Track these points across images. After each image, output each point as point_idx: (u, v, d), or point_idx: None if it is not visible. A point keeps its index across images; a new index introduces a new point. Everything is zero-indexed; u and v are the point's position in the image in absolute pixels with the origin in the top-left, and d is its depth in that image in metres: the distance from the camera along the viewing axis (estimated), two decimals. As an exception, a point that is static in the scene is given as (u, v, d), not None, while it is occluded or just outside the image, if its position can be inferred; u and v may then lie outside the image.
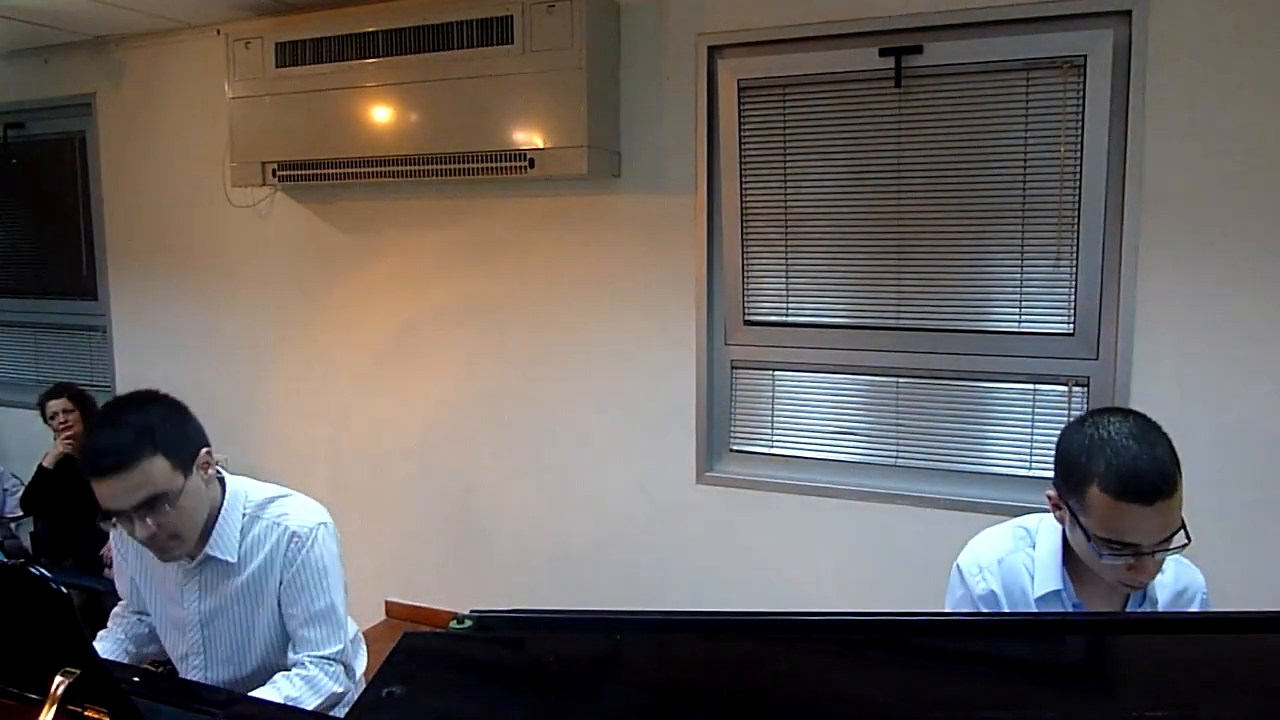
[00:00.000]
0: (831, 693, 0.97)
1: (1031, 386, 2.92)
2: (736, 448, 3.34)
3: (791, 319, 3.20)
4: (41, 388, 4.00)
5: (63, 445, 3.80)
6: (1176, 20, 2.62)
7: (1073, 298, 2.84)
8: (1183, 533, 1.41)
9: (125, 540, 1.89)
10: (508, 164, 3.20)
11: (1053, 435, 1.60)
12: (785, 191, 3.14)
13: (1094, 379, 2.83)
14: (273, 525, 1.83)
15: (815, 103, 3.07)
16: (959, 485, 3.01)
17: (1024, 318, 2.90)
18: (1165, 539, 1.41)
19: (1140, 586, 1.50)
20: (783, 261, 3.18)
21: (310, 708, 1.70)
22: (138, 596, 1.96)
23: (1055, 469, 1.53)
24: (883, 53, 2.93)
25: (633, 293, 3.38)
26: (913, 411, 3.08)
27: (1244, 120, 2.59)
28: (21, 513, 3.99)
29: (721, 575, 3.33)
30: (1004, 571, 1.61)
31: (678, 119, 3.23)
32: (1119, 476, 1.39)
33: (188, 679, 1.88)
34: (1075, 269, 2.82)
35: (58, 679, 1.16)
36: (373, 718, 0.94)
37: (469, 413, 3.71)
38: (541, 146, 3.15)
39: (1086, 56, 2.72)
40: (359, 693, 1.87)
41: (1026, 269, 2.88)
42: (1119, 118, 2.70)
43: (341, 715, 1.80)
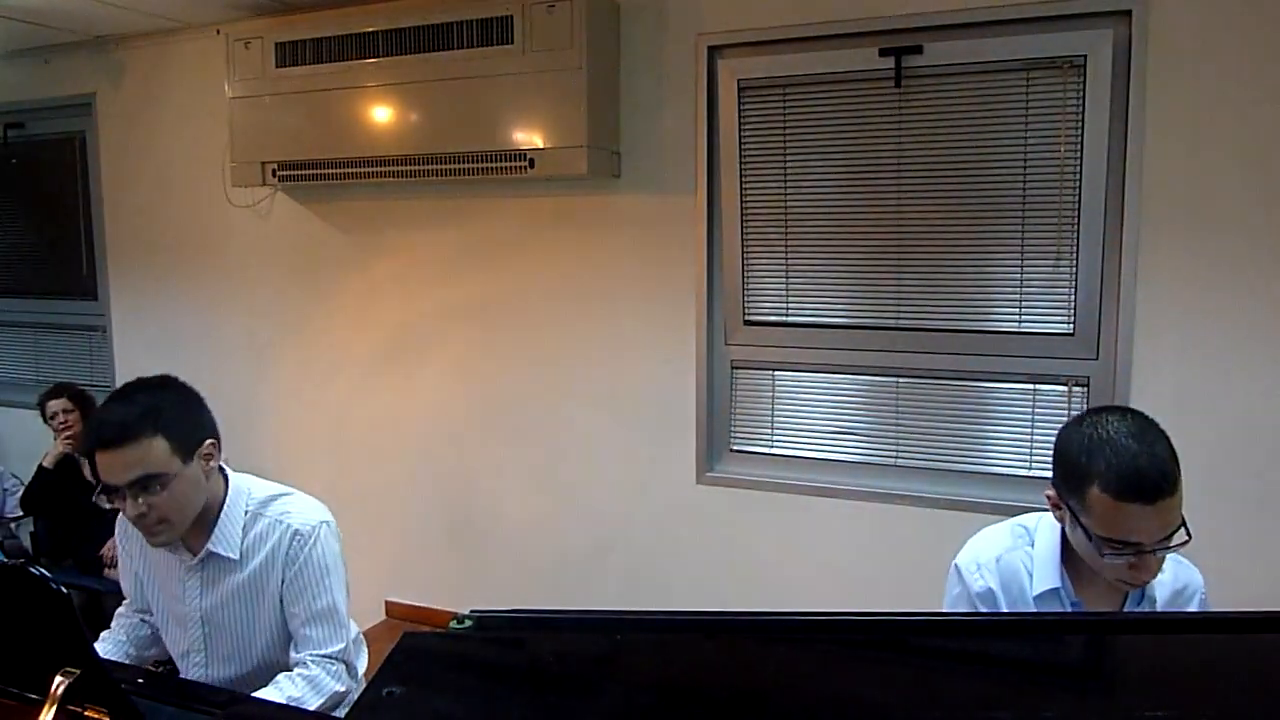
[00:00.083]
0: (831, 693, 0.97)
1: (1031, 386, 2.92)
2: (736, 448, 3.34)
3: (791, 319, 3.20)
4: (41, 388, 4.00)
5: (63, 445, 3.80)
6: (1176, 20, 2.62)
7: (1073, 298, 2.84)
8: (1183, 530, 1.42)
9: (129, 536, 1.90)
10: (508, 164, 3.20)
11: (1053, 435, 1.60)
12: (785, 191, 3.14)
13: (1094, 379, 2.83)
14: (275, 523, 1.83)
15: (815, 103, 3.07)
16: (959, 485, 3.01)
17: (1024, 318, 2.90)
18: (1166, 537, 1.41)
19: (1141, 585, 1.50)
20: (783, 261, 3.18)
21: (313, 707, 1.70)
22: (140, 592, 1.95)
23: (1054, 469, 1.53)
24: (883, 53, 2.93)
25: (633, 292, 3.38)
26: (913, 411, 3.08)
27: (1244, 120, 2.59)
28: (21, 513, 3.99)
29: (721, 575, 3.33)
30: (1002, 569, 1.61)
31: (678, 119, 3.23)
32: (1120, 476, 1.39)
33: (189, 679, 1.88)
34: (1075, 269, 2.82)
35: (58, 679, 1.16)
36: (373, 718, 0.94)
37: (469, 413, 3.71)
38: (541, 146, 3.15)
39: (1086, 56, 2.73)
40: (359, 693, 1.87)
41: (1026, 269, 2.88)
42: (1119, 118, 2.70)
43: (340, 711, 1.81)
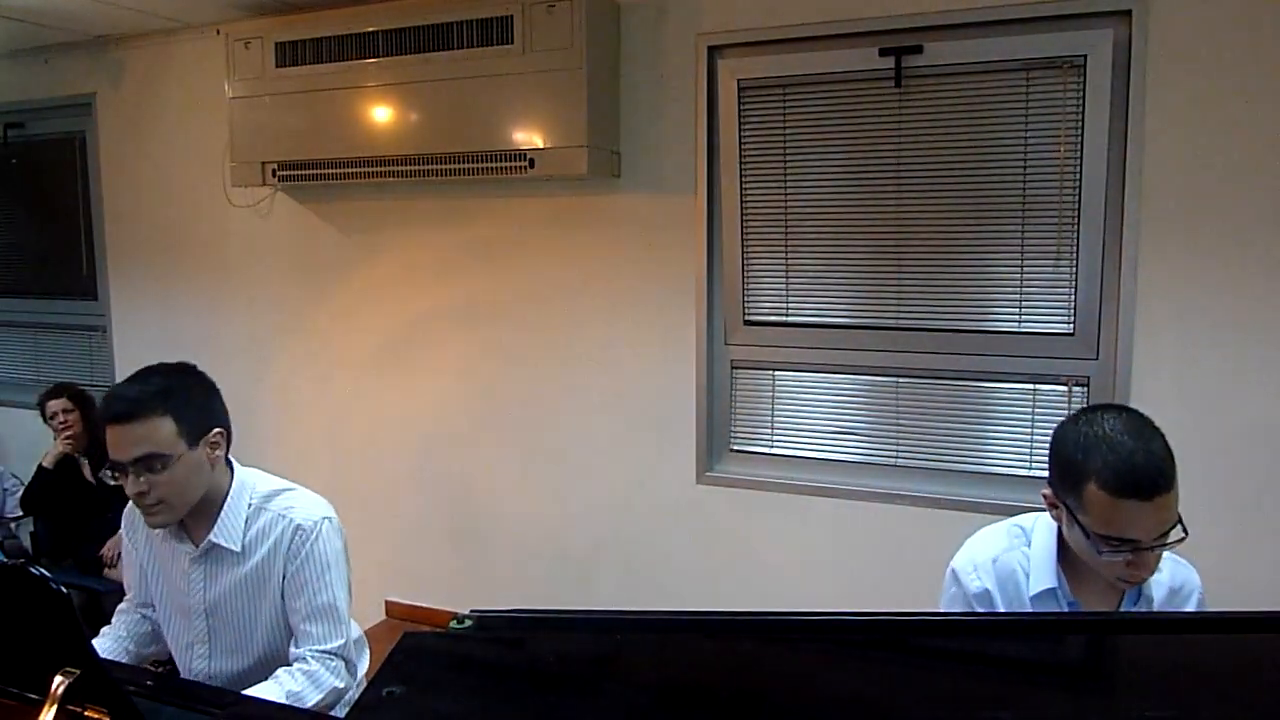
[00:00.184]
0: (831, 693, 0.97)
1: (1031, 386, 2.92)
2: (736, 448, 3.34)
3: (791, 319, 3.20)
4: (41, 388, 4.00)
5: (63, 445, 3.81)
6: (1176, 20, 2.62)
7: (1073, 298, 2.84)
8: (1180, 526, 1.42)
9: (135, 527, 1.93)
10: (508, 164, 3.20)
11: (1052, 435, 1.60)
12: (785, 191, 3.14)
13: (1094, 379, 2.83)
14: (278, 517, 1.84)
15: (815, 103, 3.07)
16: (959, 485, 3.01)
17: (1024, 318, 2.90)
18: (1163, 534, 1.41)
19: (1139, 582, 1.50)
20: (783, 261, 3.18)
21: (312, 703, 1.71)
22: (144, 586, 1.97)
23: (1050, 468, 1.53)
24: (883, 53, 2.93)
25: (633, 293, 3.38)
26: (913, 411, 3.08)
27: (1244, 120, 2.59)
28: (21, 513, 4.00)
29: (721, 575, 3.33)
30: (998, 570, 1.61)
31: (678, 119, 3.23)
32: (1116, 473, 1.39)
33: (189, 678, 1.89)
34: (1075, 269, 2.82)
35: (58, 679, 1.16)
36: (373, 718, 0.94)
37: (469, 412, 3.71)
38: (541, 146, 3.15)
39: (1086, 56, 2.73)
40: (359, 693, 1.88)
41: (1026, 269, 2.88)
42: (1119, 118, 2.70)
43: (340, 711, 1.81)
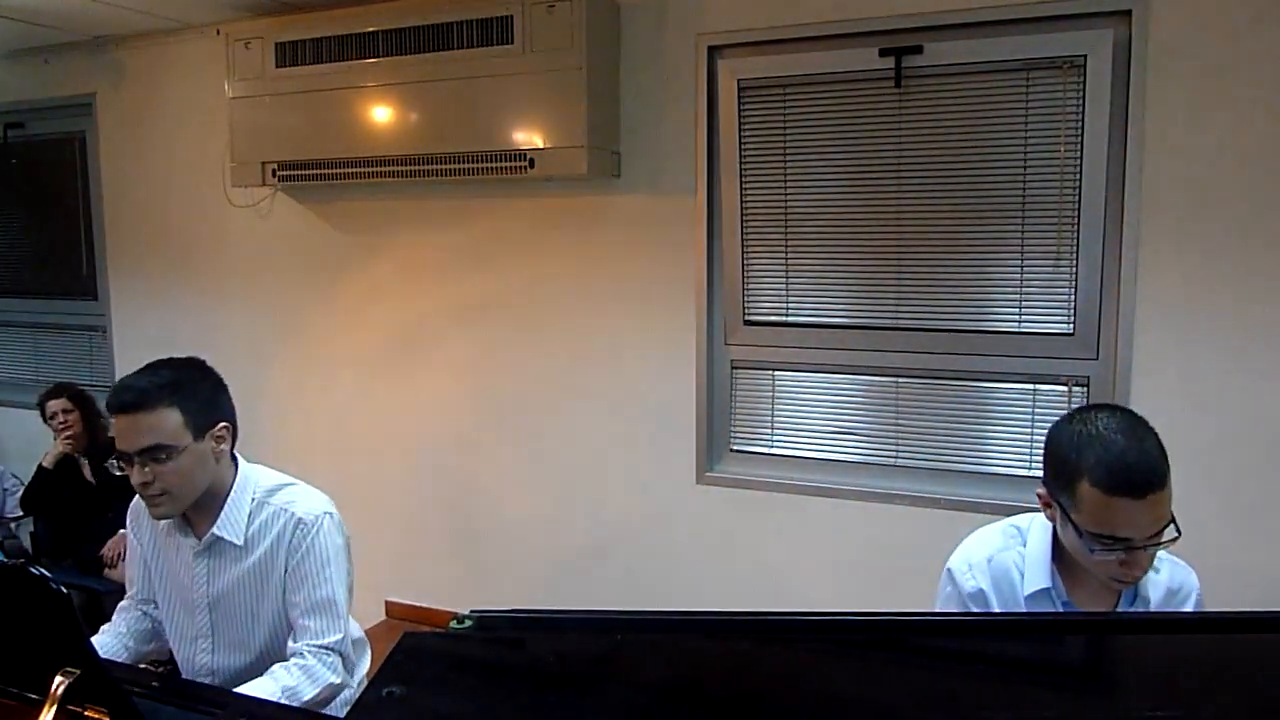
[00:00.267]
0: (831, 693, 0.97)
1: (1031, 386, 2.92)
2: (736, 448, 3.34)
3: (791, 319, 3.20)
4: (41, 388, 4.00)
5: (63, 445, 3.80)
6: (1176, 20, 2.62)
7: (1073, 298, 2.83)
8: (1173, 526, 1.41)
9: (140, 522, 1.94)
10: (508, 164, 3.20)
11: (1052, 435, 1.59)
12: (785, 191, 3.14)
13: (1094, 379, 2.83)
14: (280, 511, 1.86)
15: (815, 103, 3.07)
16: (959, 485, 3.01)
17: (1024, 318, 2.90)
18: (1156, 532, 1.41)
19: (1133, 582, 1.49)
20: (783, 261, 3.18)
21: (307, 698, 1.72)
22: (148, 580, 1.98)
23: (1045, 467, 1.53)
24: (883, 53, 2.93)
25: (633, 293, 3.38)
26: (913, 411, 3.08)
27: (1243, 120, 2.59)
28: (21, 513, 4.00)
29: (721, 575, 3.32)
30: (993, 569, 1.61)
31: (678, 119, 3.23)
32: (1109, 471, 1.39)
33: (188, 679, 1.89)
34: (1075, 269, 2.82)
35: (58, 679, 1.17)
36: (373, 718, 0.94)
37: (469, 412, 3.71)
38: (541, 146, 3.15)
39: (1086, 56, 2.72)
40: (359, 693, 1.88)
41: (1026, 269, 2.88)
42: (1119, 118, 2.70)
43: (340, 712, 1.81)
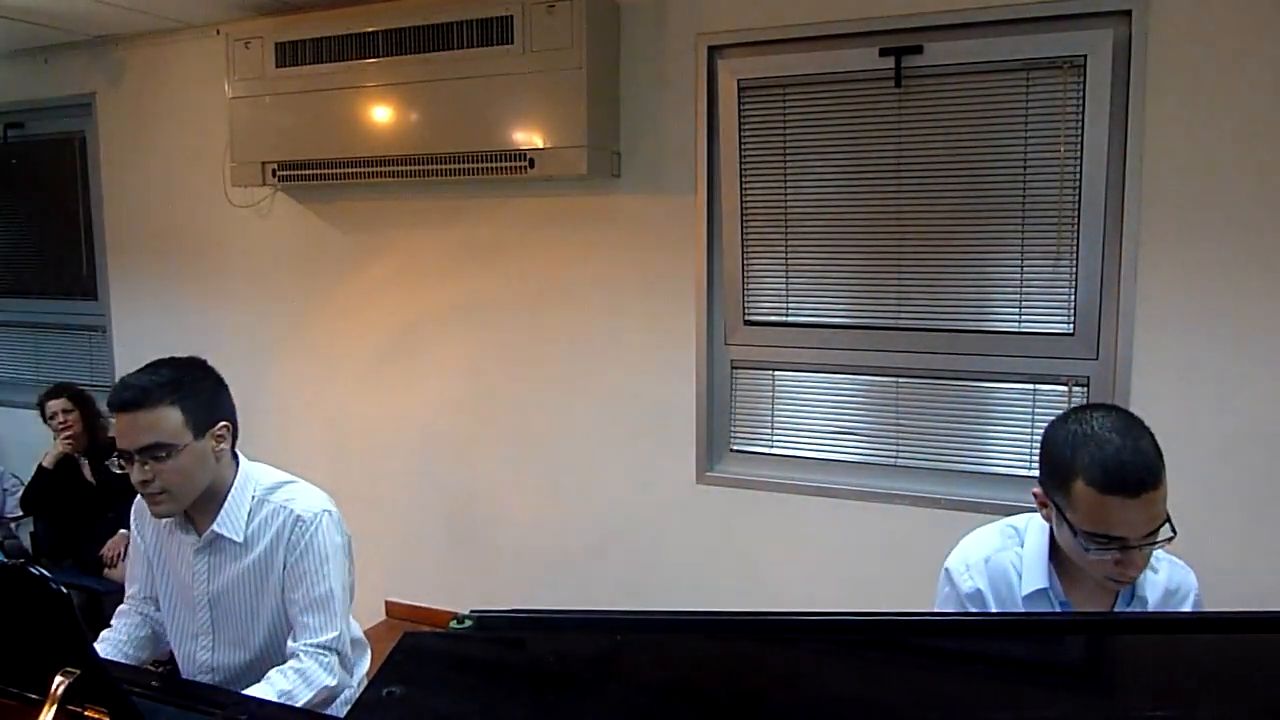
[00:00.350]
0: (831, 693, 0.97)
1: (1031, 386, 2.92)
2: (736, 448, 3.34)
3: (791, 319, 3.20)
4: (41, 388, 4.00)
5: (62, 445, 3.81)
6: (1176, 20, 2.62)
7: (1073, 298, 2.84)
8: (1168, 525, 1.41)
9: (143, 520, 1.95)
10: (508, 164, 3.20)
11: (1052, 435, 1.59)
12: (785, 191, 3.14)
13: (1094, 379, 2.83)
14: (279, 509, 1.87)
15: (815, 103, 3.07)
16: (959, 485, 3.01)
17: (1024, 318, 2.90)
18: (1151, 532, 1.41)
19: (1128, 581, 1.49)
20: (783, 261, 3.18)
21: (303, 701, 1.72)
22: (150, 578, 1.99)
23: (1040, 466, 1.53)
24: (883, 53, 2.93)
25: (633, 293, 3.38)
26: (913, 411, 3.08)
27: (1244, 120, 2.59)
28: (21, 513, 4.00)
29: (721, 575, 3.32)
30: (991, 570, 1.61)
31: (678, 119, 3.23)
32: (1104, 470, 1.39)
33: (188, 679, 1.89)
34: (1075, 269, 2.82)
35: (58, 679, 1.16)
36: (372, 717, 0.94)
37: (469, 413, 3.71)
38: (541, 146, 3.15)
39: (1086, 56, 2.72)
40: (359, 693, 1.88)
41: (1026, 269, 2.88)
42: (1119, 118, 2.70)
43: (340, 713, 1.81)
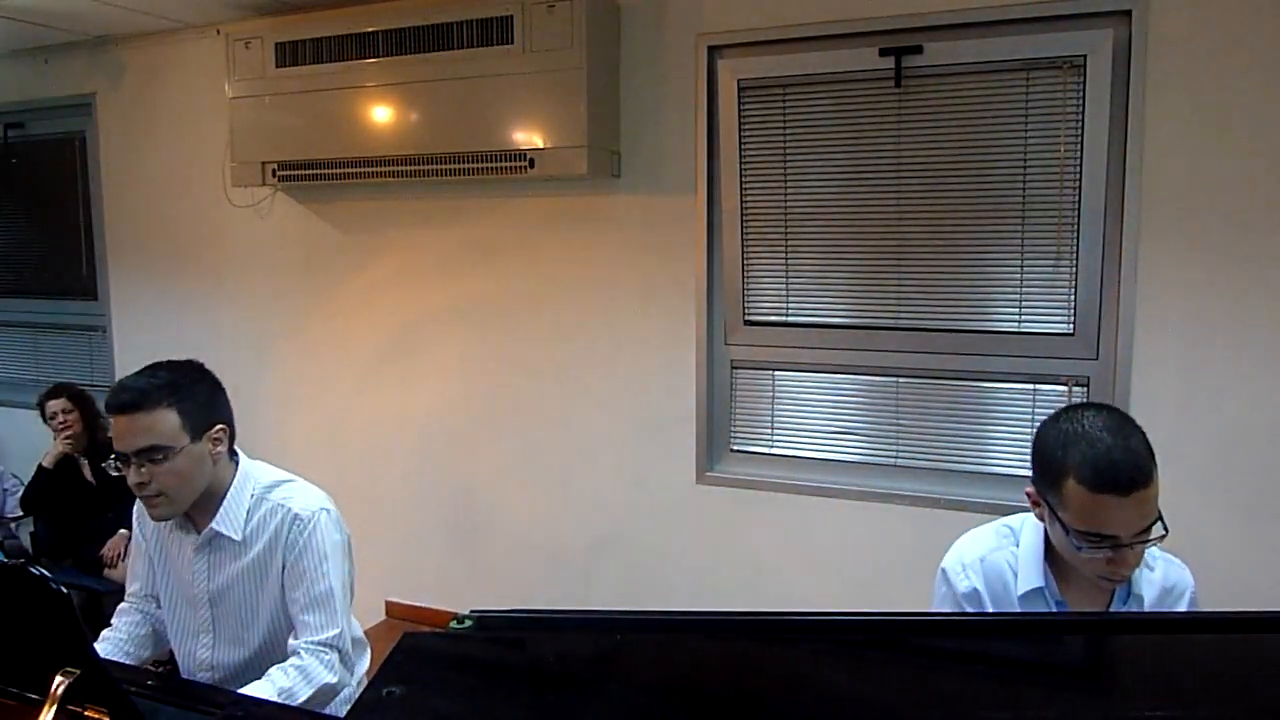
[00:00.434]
0: (831, 693, 0.97)
1: (1031, 386, 2.92)
2: (736, 448, 3.34)
3: (791, 319, 3.20)
4: (41, 388, 4.00)
5: (62, 445, 3.81)
6: (1176, 20, 2.62)
7: (1073, 298, 2.84)
8: (1160, 523, 1.41)
9: (145, 518, 1.95)
10: (508, 164, 3.20)
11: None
12: (785, 191, 3.14)
13: (1094, 379, 2.83)
14: (277, 507, 1.87)
15: (815, 103, 3.07)
16: (959, 485, 3.01)
17: (1024, 318, 2.90)
18: (1143, 530, 1.41)
19: (1121, 580, 1.49)
20: (783, 261, 3.18)
21: (303, 698, 1.73)
22: (151, 576, 2.00)
23: (1033, 465, 1.53)
24: (883, 53, 2.93)
25: (633, 293, 3.38)
26: (913, 411, 3.08)
27: (1244, 119, 2.59)
28: (21, 513, 4.00)
29: (721, 575, 3.32)
30: (986, 569, 1.61)
31: (678, 119, 3.23)
32: (1094, 468, 1.40)
33: (188, 679, 1.89)
34: (1075, 269, 2.82)
35: (58, 679, 1.17)
36: (373, 717, 0.94)
37: (469, 413, 3.71)
38: (541, 146, 3.15)
39: (1086, 56, 2.72)
40: (359, 692, 1.88)
41: (1026, 269, 2.88)
42: (1119, 118, 2.70)
43: (340, 711, 1.82)
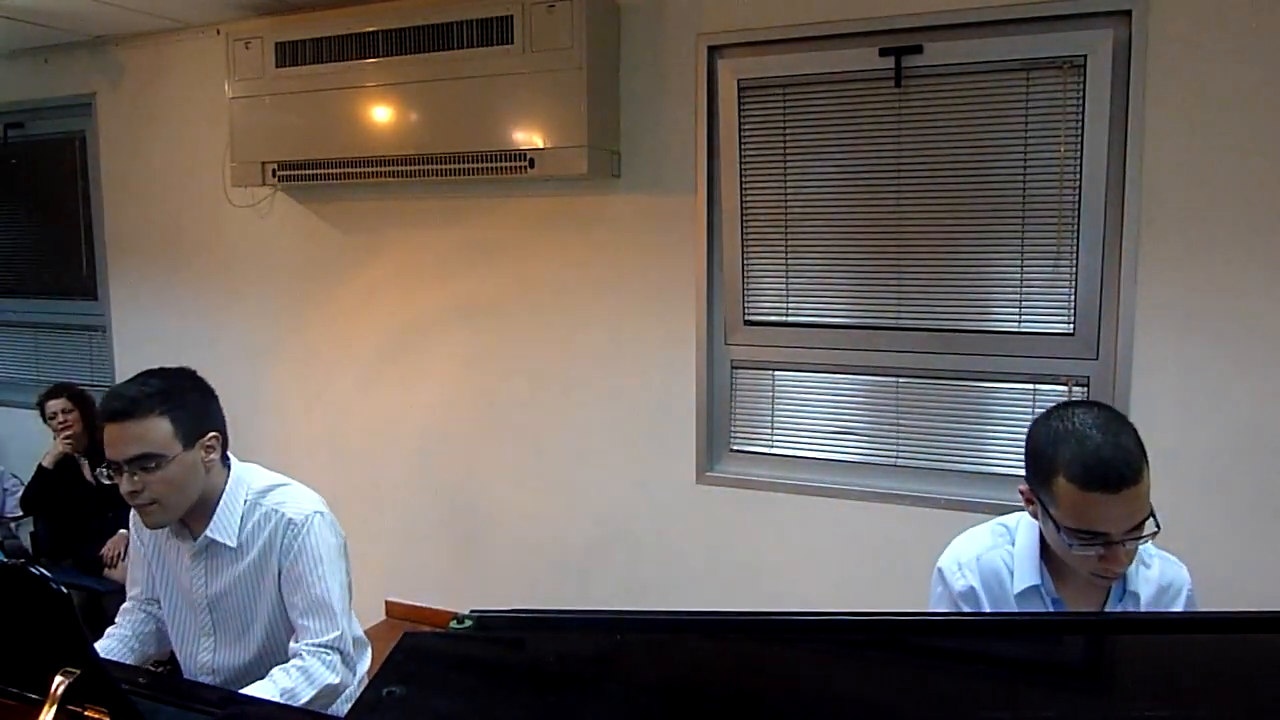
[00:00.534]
0: (831, 693, 0.97)
1: (1031, 386, 2.92)
2: (736, 448, 3.34)
3: (791, 319, 3.20)
4: (41, 388, 4.00)
5: (62, 445, 3.81)
6: (1176, 20, 2.62)
7: (1073, 298, 2.84)
8: (1152, 521, 1.42)
9: (142, 524, 1.93)
10: (508, 164, 3.20)
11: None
12: (785, 191, 3.14)
13: (1094, 379, 2.83)
14: (271, 512, 1.87)
15: (815, 103, 3.07)
16: (959, 485, 3.01)
17: (1024, 318, 2.90)
18: (1134, 527, 1.41)
19: (1114, 577, 1.49)
20: (783, 261, 3.18)
21: (305, 699, 1.73)
22: (151, 581, 2.00)
23: (1025, 463, 1.54)
24: (883, 53, 2.93)
25: (633, 293, 3.37)
26: (913, 411, 3.08)
27: (1244, 120, 2.59)
28: (21, 513, 4.00)
29: (721, 575, 3.32)
30: (982, 568, 1.62)
31: (678, 119, 3.23)
32: (1084, 466, 1.40)
33: (188, 679, 1.90)
34: (1075, 269, 2.82)
35: (58, 679, 1.17)
36: (373, 717, 0.94)
37: (469, 413, 3.71)
38: (541, 146, 3.15)
39: (1086, 56, 2.72)
40: (360, 692, 1.88)
41: (1026, 269, 2.88)
42: (1119, 118, 2.70)
43: (341, 711, 1.82)
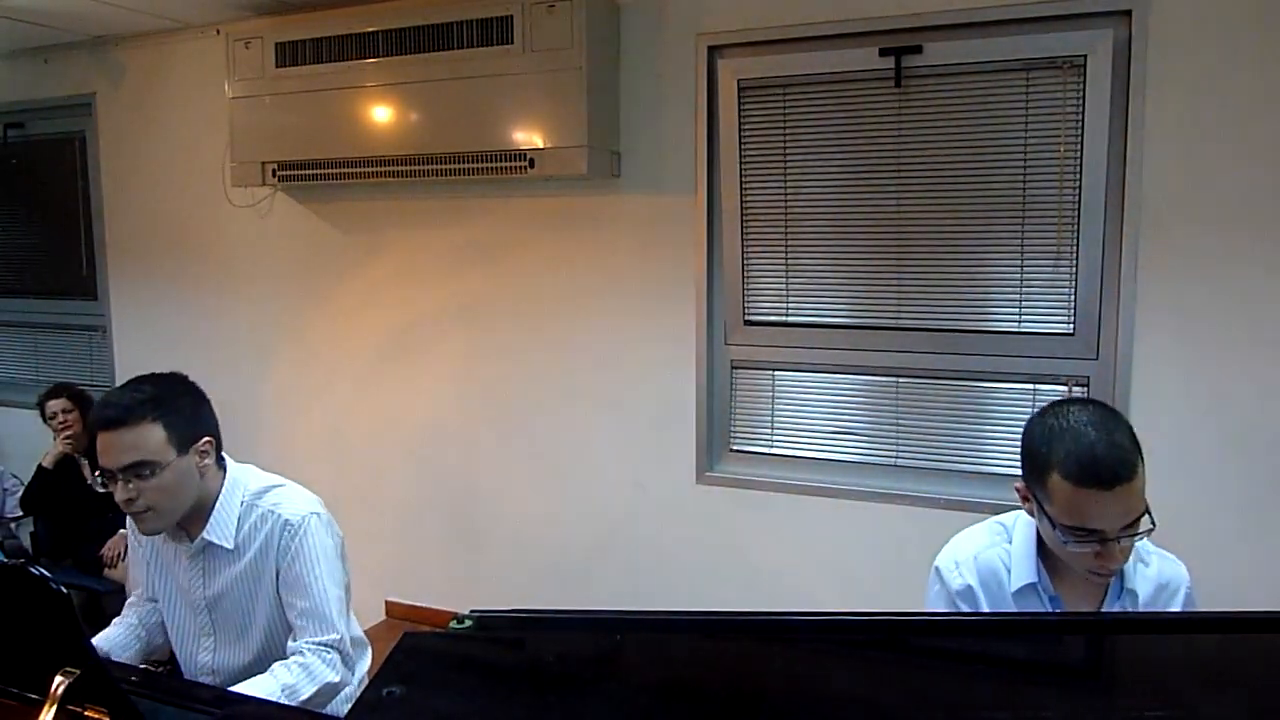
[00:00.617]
0: (831, 693, 0.97)
1: (1031, 386, 2.92)
2: (736, 448, 3.34)
3: (791, 319, 3.20)
4: (41, 388, 4.01)
5: (62, 445, 3.81)
6: (1176, 20, 2.62)
7: (1073, 298, 2.83)
8: (1147, 517, 1.42)
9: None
10: (508, 164, 3.20)
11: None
12: (785, 191, 3.14)
13: (1094, 379, 2.83)
14: (267, 514, 1.87)
15: (815, 103, 3.07)
16: (959, 485, 3.01)
17: (1024, 318, 2.90)
18: (1129, 524, 1.41)
19: (1110, 574, 1.49)
20: (783, 261, 3.18)
21: (306, 695, 1.73)
22: (150, 583, 2.00)
23: (1021, 460, 1.54)
24: (883, 53, 2.93)
25: (633, 293, 3.37)
26: (913, 411, 3.08)
27: (1244, 120, 2.59)
28: (21, 513, 4.00)
29: (721, 575, 3.32)
30: (980, 566, 1.62)
31: (678, 119, 3.23)
32: (1078, 463, 1.40)
33: (188, 679, 1.90)
34: (1075, 269, 2.82)
35: (58, 679, 1.17)
36: (373, 717, 0.94)
37: (469, 412, 3.71)
38: (541, 146, 3.15)
39: (1086, 56, 2.72)
40: (360, 692, 1.88)
41: (1026, 269, 2.88)
42: (1119, 118, 2.70)
43: (341, 710, 1.82)
